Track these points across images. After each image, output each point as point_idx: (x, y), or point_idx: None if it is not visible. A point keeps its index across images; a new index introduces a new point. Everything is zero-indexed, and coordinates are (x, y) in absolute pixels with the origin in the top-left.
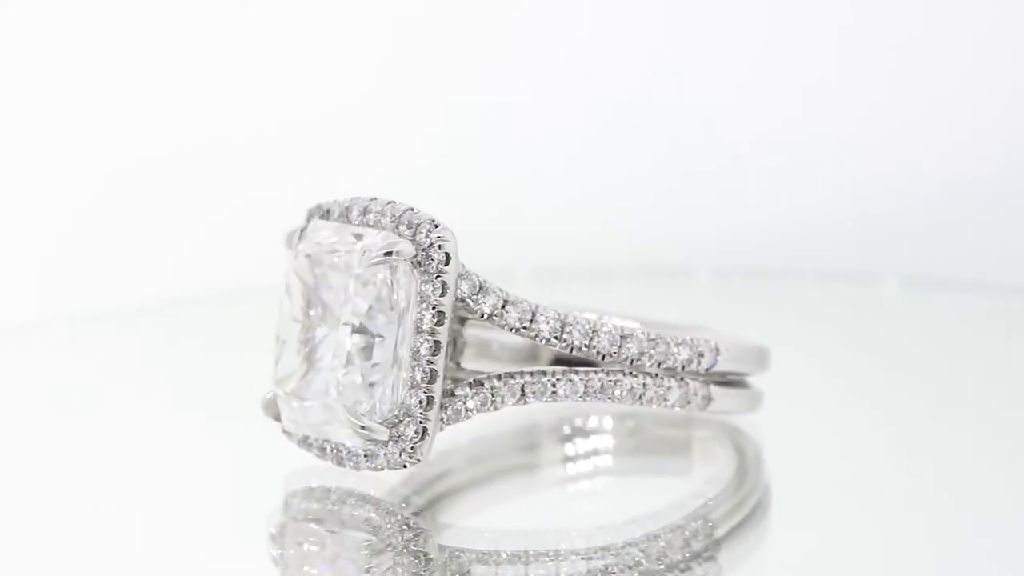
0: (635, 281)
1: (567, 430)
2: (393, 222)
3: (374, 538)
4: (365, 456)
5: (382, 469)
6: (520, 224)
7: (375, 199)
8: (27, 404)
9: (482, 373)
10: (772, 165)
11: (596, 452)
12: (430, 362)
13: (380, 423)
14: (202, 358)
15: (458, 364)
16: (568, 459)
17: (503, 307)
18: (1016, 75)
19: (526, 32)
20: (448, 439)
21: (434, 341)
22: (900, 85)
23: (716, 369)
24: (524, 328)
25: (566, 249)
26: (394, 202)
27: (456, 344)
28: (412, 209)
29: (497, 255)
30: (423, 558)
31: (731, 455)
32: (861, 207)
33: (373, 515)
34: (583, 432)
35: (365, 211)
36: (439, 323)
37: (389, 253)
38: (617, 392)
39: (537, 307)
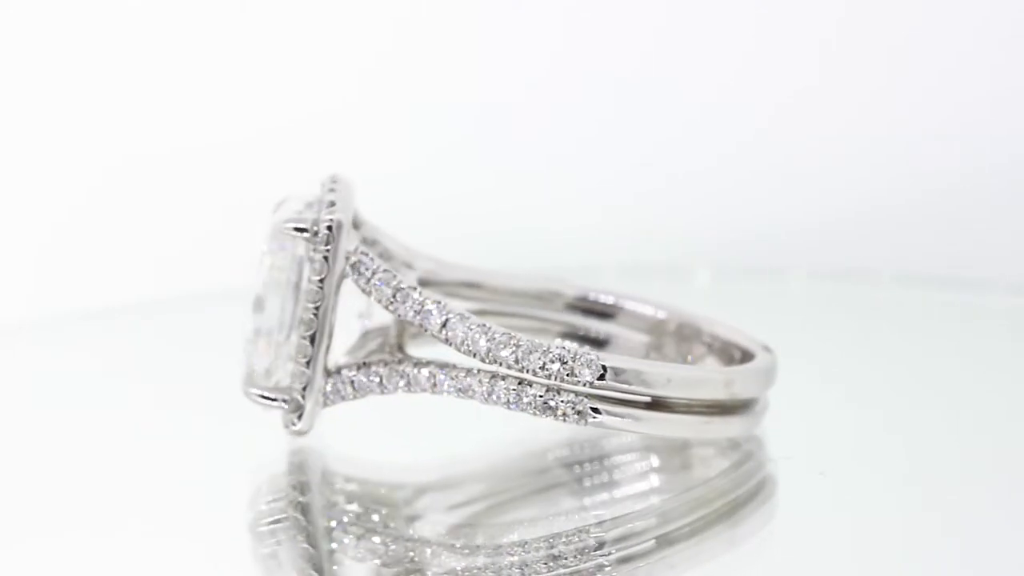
0: (634, 280)
1: (577, 452)
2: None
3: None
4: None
5: (293, 435)
6: (517, 223)
7: (333, 177)
8: (26, 403)
9: (416, 358)
10: (771, 163)
11: (606, 471)
12: (304, 337)
13: (279, 389)
14: (201, 357)
15: (400, 346)
16: (574, 478)
17: (385, 289)
18: (1014, 73)
19: (521, 32)
20: (467, 464)
21: (311, 316)
22: (899, 83)
23: (608, 385)
24: (391, 304)
25: (565, 248)
26: (336, 180)
27: (403, 327)
28: (333, 189)
29: (496, 255)
30: (305, 529)
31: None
32: (860, 206)
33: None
34: (596, 454)
35: (321, 187)
36: (315, 299)
37: (301, 229)
38: (482, 392)
39: (412, 290)
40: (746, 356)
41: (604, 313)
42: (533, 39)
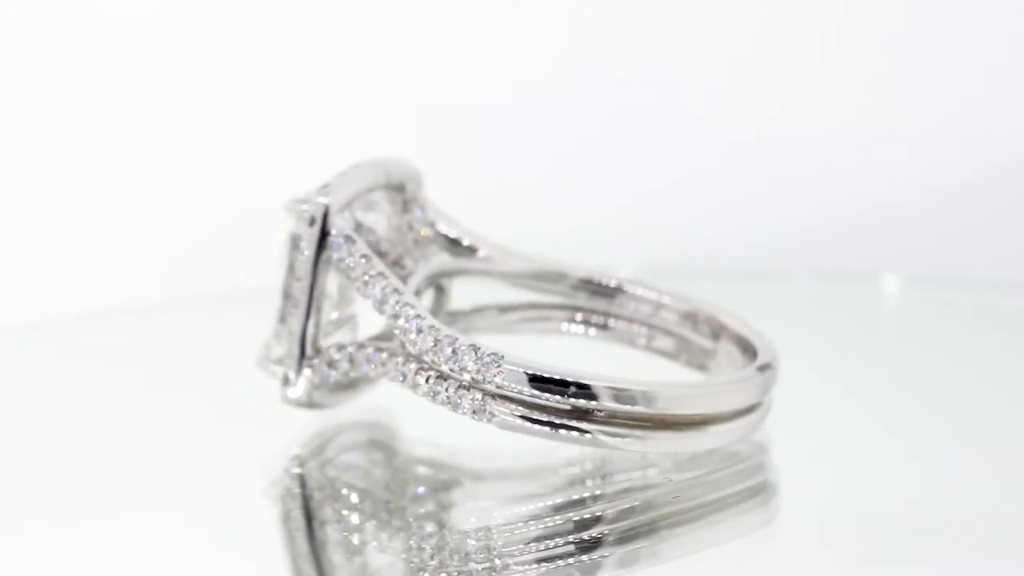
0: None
1: (580, 469)
2: None
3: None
4: None
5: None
6: (517, 224)
7: (361, 161)
8: (26, 403)
9: (379, 344)
10: (772, 163)
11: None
12: (292, 314)
13: (280, 362)
14: (202, 358)
15: None
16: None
17: (360, 272)
18: (1014, 73)
19: (521, 32)
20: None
21: (299, 294)
22: (899, 83)
23: (519, 388)
24: (360, 287)
25: (566, 249)
26: (358, 164)
27: None
28: (343, 172)
29: None
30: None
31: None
32: (861, 206)
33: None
34: (600, 470)
35: None
36: (303, 277)
37: (301, 209)
38: (412, 383)
39: (382, 278)
40: (755, 353)
41: (609, 295)
42: (533, 39)
